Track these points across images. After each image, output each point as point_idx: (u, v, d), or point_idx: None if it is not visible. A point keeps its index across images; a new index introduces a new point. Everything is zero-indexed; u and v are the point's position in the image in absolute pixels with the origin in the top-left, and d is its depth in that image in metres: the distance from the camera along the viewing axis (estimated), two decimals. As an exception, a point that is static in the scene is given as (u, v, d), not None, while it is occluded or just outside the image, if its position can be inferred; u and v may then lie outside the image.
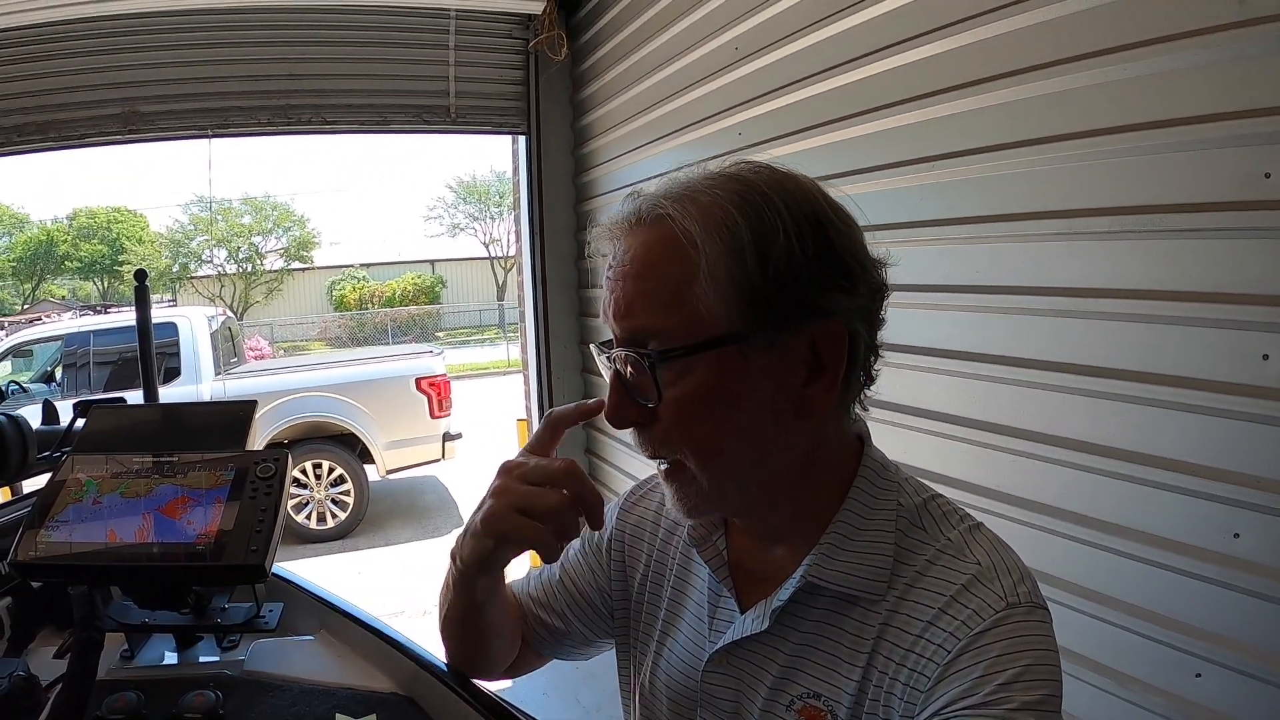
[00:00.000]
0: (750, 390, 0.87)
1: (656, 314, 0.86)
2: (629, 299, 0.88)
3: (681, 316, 0.85)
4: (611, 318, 0.90)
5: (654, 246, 0.87)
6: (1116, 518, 1.85)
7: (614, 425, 0.92)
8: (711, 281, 0.84)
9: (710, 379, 0.86)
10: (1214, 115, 1.59)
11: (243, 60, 4.76)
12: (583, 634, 1.20)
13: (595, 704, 4.38)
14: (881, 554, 0.88)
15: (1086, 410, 1.90)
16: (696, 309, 0.85)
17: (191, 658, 1.43)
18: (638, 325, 0.87)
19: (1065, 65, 1.85)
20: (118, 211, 34.77)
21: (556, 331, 5.38)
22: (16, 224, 33.97)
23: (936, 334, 2.28)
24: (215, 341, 8.20)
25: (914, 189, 2.34)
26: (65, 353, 8.28)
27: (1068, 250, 1.90)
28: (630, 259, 0.88)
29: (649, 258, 0.87)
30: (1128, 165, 1.76)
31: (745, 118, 3.22)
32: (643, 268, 0.87)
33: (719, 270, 0.84)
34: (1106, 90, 1.77)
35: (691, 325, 0.85)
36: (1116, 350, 1.82)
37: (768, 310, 0.84)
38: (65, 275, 35.05)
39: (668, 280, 0.86)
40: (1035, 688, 0.75)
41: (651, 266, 0.87)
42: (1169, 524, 1.74)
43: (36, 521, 1.29)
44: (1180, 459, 1.71)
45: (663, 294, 0.86)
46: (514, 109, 5.23)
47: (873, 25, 2.44)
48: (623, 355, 0.89)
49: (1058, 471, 1.97)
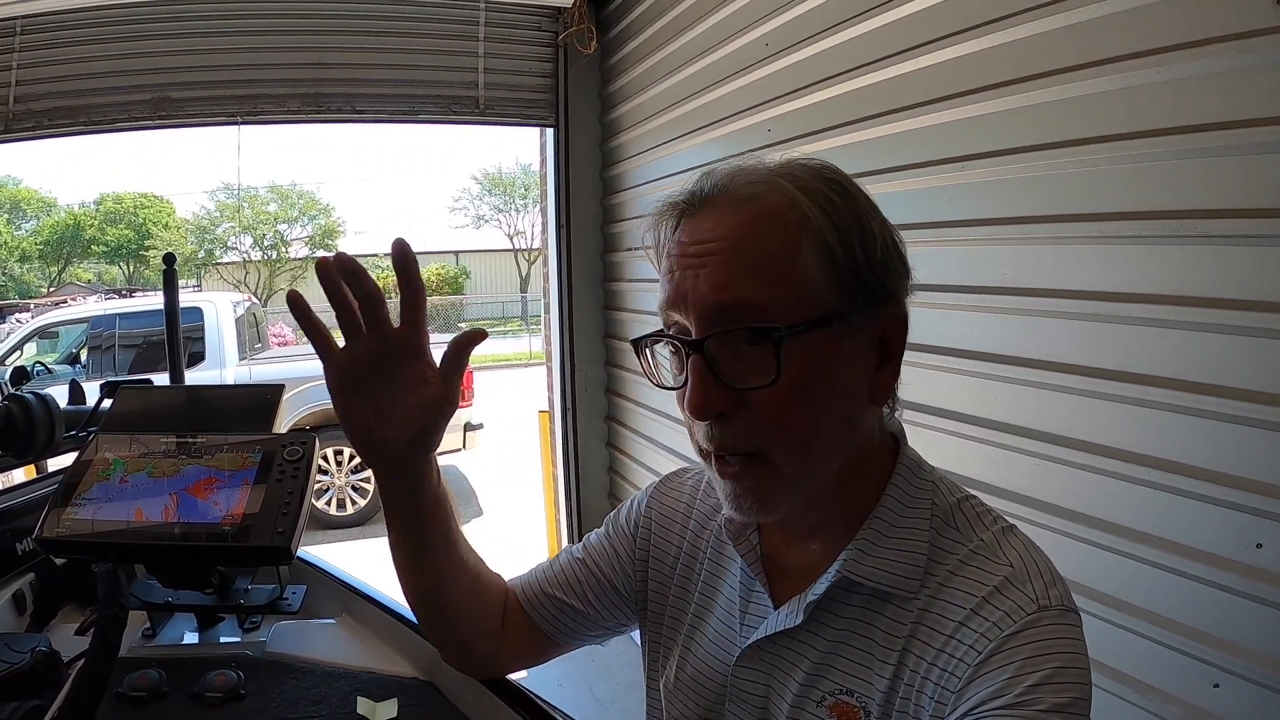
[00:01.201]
0: (842, 373, 0.86)
1: (765, 286, 0.83)
2: (721, 275, 0.84)
3: (793, 290, 0.83)
4: (692, 297, 0.85)
5: (753, 220, 0.85)
6: (1137, 524, 1.83)
7: (700, 417, 0.87)
8: (815, 258, 0.83)
9: (815, 360, 0.84)
10: (1246, 121, 1.57)
11: (273, 48, 4.78)
12: (599, 616, 1.17)
13: (609, 697, 4.39)
14: (916, 551, 0.88)
15: (1109, 415, 1.88)
16: (804, 283, 0.83)
17: (213, 638, 1.44)
18: (738, 299, 0.83)
19: (1095, 68, 1.83)
20: (145, 197, 35.12)
21: (580, 324, 5.37)
22: (44, 208, 34.35)
23: (960, 334, 2.26)
24: (240, 327, 8.28)
25: (941, 189, 2.33)
26: (91, 335, 8.38)
27: (1094, 254, 1.88)
28: (721, 234, 0.85)
29: (750, 231, 0.84)
30: (1156, 169, 1.74)
31: (774, 114, 3.21)
32: (744, 241, 0.84)
33: (824, 244, 0.83)
34: (1137, 94, 1.75)
35: (804, 299, 0.83)
36: (1140, 355, 1.80)
37: (863, 290, 0.85)
38: (91, 259, 35.42)
39: (772, 254, 0.83)
40: (1065, 690, 0.75)
41: (754, 240, 0.84)
42: (1190, 532, 1.72)
43: (62, 499, 1.31)
44: (1204, 466, 1.69)
45: (772, 266, 0.83)
46: (542, 101, 5.23)
47: (903, 24, 2.42)
48: (722, 335, 0.84)
49: (1078, 476, 1.96)
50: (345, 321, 0.95)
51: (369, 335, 0.95)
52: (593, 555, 1.19)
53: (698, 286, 0.85)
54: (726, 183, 0.88)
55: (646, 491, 1.21)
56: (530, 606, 1.18)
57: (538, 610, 1.17)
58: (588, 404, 5.45)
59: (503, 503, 8.89)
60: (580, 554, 1.20)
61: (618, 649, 4.47)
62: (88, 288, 32.15)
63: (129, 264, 35.26)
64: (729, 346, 0.84)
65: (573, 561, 1.20)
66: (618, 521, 1.21)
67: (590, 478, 5.52)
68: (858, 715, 0.88)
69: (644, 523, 1.17)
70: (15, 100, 4.53)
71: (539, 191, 5.87)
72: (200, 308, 8.05)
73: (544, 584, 1.19)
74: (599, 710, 4.29)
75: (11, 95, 4.53)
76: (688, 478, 1.19)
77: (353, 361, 0.95)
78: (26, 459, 1.70)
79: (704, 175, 0.90)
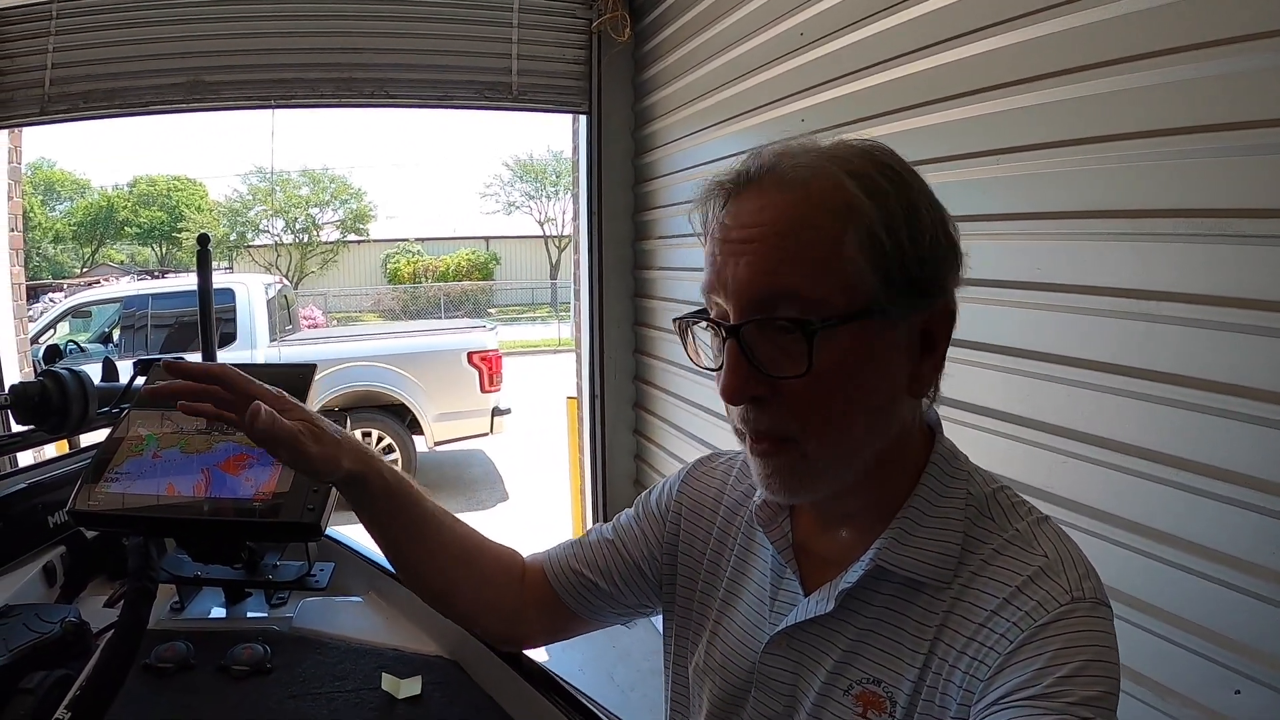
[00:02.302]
0: (884, 366, 0.86)
1: (806, 275, 0.82)
2: (762, 262, 0.83)
3: (834, 280, 0.82)
4: (732, 283, 0.85)
5: (797, 206, 0.83)
6: (1164, 525, 1.81)
7: (733, 402, 0.87)
8: (862, 247, 0.82)
9: (852, 352, 0.83)
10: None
11: (307, 33, 4.83)
12: (622, 596, 1.17)
13: (629, 683, 4.40)
14: (950, 541, 0.88)
15: (1140, 414, 1.85)
16: (847, 273, 0.82)
17: (240, 612, 1.46)
18: (776, 287, 0.82)
19: (1138, 62, 1.81)
20: (178, 180, 35.38)
21: (610, 311, 5.39)
22: (78, 190, 34.66)
23: (993, 329, 2.24)
24: (271, 309, 8.35)
25: (977, 182, 2.30)
26: (123, 315, 8.49)
27: (1131, 251, 1.86)
28: (764, 219, 0.84)
29: (794, 217, 0.83)
30: (1197, 166, 1.71)
31: (809, 104, 3.19)
32: (787, 227, 0.83)
33: (870, 234, 0.82)
34: (1178, 89, 1.73)
35: (846, 290, 0.82)
36: (1173, 354, 1.77)
37: (908, 282, 0.84)
38: (124, 240, 35.70)
39: (816, 243, 0.82)
40: (1095, 683, 0.74)
41: (797, 227, 0.83)
42: (1218, 535, 1.70)
43: (95, 474, 1.32)
44: (1234, 469, 1.66)
45: (815, 255, 0.82)
46: (575, 88, 5.24)
47: (940, 15, 2.40)
48: (760, 322, 0.84)
49: (1107, 475, 1.94)
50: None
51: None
52: (622, 536, 1.19)
53: (738, 273, 0.84)
54: (774, 164, 0.86)
55: (679, 476, 1.21)
56: (556, 581, 1.19)
57: (563, 586, 1.18)
58: (616, 391, 5.47)
59: (529, 488, 8.91)
60: (610, 534, 1.20)
61: (639, 636, 4.48)
62: (120, 268, 32.53)
63: (161, 245, 35.55)
64: (765, 334, 0.83)
65: (602, 541, 1.20)
66: (648, 504, 1.21)
67: (617, 465, 5.54)
68: (884, 705, 0.87)
69: (675, 508, 1.17)
70: (50, 83, 4.60)
71: (570, 178, 5.88)
72: (232, 289, 8.14)
73: (571, 560, 1.19)
74: (619, 695, 4.31)
75: (47, 78, 4.59)
76: (720, 463, 1.18)
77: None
78: (60, 434, 1.73)
79: (752, 155, 0.89)
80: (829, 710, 0.91)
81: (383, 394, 8.22)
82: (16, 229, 4.94)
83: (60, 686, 1.05)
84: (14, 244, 4.90)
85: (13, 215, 4.89)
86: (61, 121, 4.75)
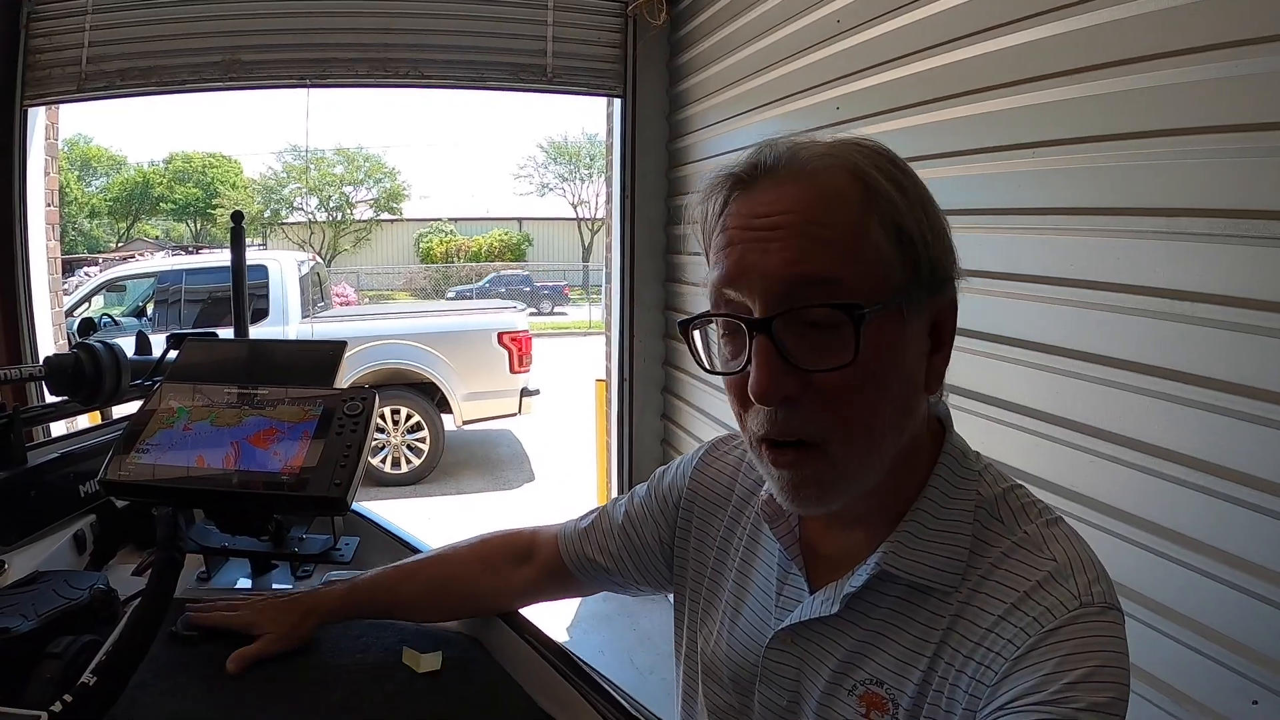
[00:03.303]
0: (905, 358, 0.85)
1: (836, 261, 0.80)
2: (794, 249, 0.80)
3: (865, 267, 0.80)
4: (759, 272, 0.82)
5: (822, 194, 0.82)
6: (1191, 530, 1.78)
7: (765, 401, 0.82)
8: (886, 233, 0.81)
9: (886, 342, 0.82)
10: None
11: (342, 12, 4.87)
12: (633, 577, 1.21)
13: (648, 666, 4.43)
14: (958, 545, 0.87)
15: (1171, 416, 1.83)
16: (876, 260, 0.81)
17: (265, 584, 1.48)
18: (813, 272, 0.80)
19: (1178, 57, 1.77)
20: (213, 157, 35.79)
21: (641, 295, 5.40)
22: (114, 165, 35.15)
23: (1024, 325, 2.23)
24: (304, 285, 8.43)
25: (1012, 175, 2.28)
26: (158, 289, 8.62)
27: (1166, 250, 1.83)
28: (788, 207, 0.81)
29: (821, 204, 0.81)
30: (1236, 166, 1.67)
31: (844, 92, 3.17)
32: (815, 214, 0.81)
33: (893, 222, 0.82)
34: (1218, 86, 1.69)
35: (874, 278, 0.80)
36: (1207, 357, 1.74)
37: (928, 272, 0.83)
38: (159, 216, 36.18)
39: (846, 226, 0.81)
40: (1103, 689, 0.74)
41: (826, 212, 0.81)
42: (1245, 543, 1.67)
43: (127, 445, 1.35)
44: (1264, 477, 1.63)
45: (845, 241, 0.80)
46: (610, 71, 5.23)
47: (979, 4, 2.37)
48: (788, 315, 0.81)
49: (1135, 476, 1.91)
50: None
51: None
52: (634, 521, 1.21)
53: (767, 261, 0.81)
54: (790, 155, 0.84)
55: (693, 458, 1.21)
56: (568, 558, 1.25)
57: (575, 564, 1.25)
58: (644, 375, 5.48)
59: (555, 469, 8.97)
60: (621, 519, 1.22)
61: (660, 620, 4.50)
62: (155, 244, 32.86)
63: (196, 222, 35.94)
64: (795, 326, 0.81)
65: (613, 529, 1.22)
66: (661, 485, 1.21)
67: (643, 448, 5.56)
68: (886, 706, 0.87)
69: (687, 494, 1.17)
70: (87, 61, 4.67)
71: (604, 161, 5.88)
72: (265, 265, 8.22)
73: (584, 542, 1.24)
74: (638, 678, 4.34)
75: (84, 56, 4.66)
76: (734, 446, 1.17)
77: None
78: (93, 405, 1.76)
79: (763, 147, 0.87)
80: (833, 709, 0.91)
81: (413, 372, 8.28)
82: (53, 204, 5.03)
83: (87, 651, 1.07)
84: (50, 219, 4.99)
85: (49, 190, 4.98)
86: (98, 99, 4.83)
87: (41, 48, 4.68)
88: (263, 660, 1.17)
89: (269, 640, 1.19)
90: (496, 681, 1.18)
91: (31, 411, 1.71)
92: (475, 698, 1.14)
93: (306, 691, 1.12)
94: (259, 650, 1.18)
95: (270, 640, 1.19)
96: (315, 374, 1.46)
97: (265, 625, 1.22)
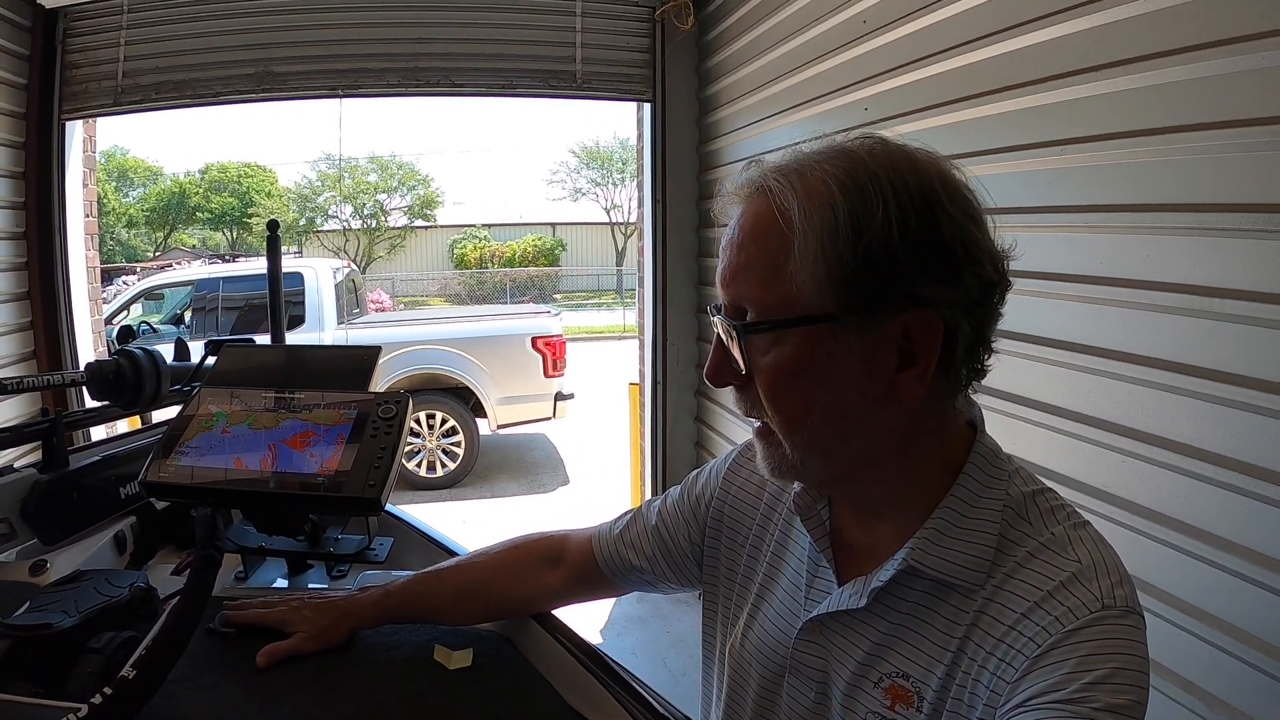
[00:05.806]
0: (838, 370, 0.88)
1: (755, 286, 0.89)
2: (734, 268, 0.92)
3: (777, 292, 0.88)
4: (719, 283, 0.94)
5: (758, 219, 0.90)
6: (1222, 530, 1.77)
7: (711, 384, 0.97)
8: (804, 259, 0.85)
9: (799, 354, 0.88)
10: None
11: (373, 23, 4.92)
12: (665, 575, 1.25)
13: (681, 669, 4.44)
14: (984, 544, 0.88)
15: (1203, 415, 1.81)
16: (790, 285, 0.87)
17: (301, 583, 1.51)
18: (739, 294, 0.91)
19: (1209, 50, 1.75)
20: (248, 166, 36.17)
21: (674, 299, 5.42)
22: (151, 176, 35.58)
23: (1054, 324, 2.21)
24: (339, 292, 8.51)
25: (1041, 173, 2.27)
26: (195, 297, 8.73)
27: (1195, 246, 1.81)
28: (739, 228, 0.92)
29: (753, 229, 0.90)
30: (1268, 160, 1.65)
31: (872, 93, 3.17)
32: (746, 238, 0.90)
33: (812, 248, 0.85)
34: (1250, 79, 1.67)
35: (785, 301, 0.87)
36: (1239, 354, 1.72)
37: (859, 292, 0.84)
38: (196, 225, 36.61)
39: (766, 254, 0.88)
40: (1122, 691, 0.75)
41: (754, 238, 0.90)
42: (1276, 542, 1.65)
43: (166, 448, 1.38)
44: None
45: (761, 267, 0.89)
46: (639, 76, 5.25)
47: (1004, 2, 2.36)
48: (721, 322, 0.94)
49: (1165, 475, 1.90)
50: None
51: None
52: (668, 523, 1.24)
53: (723, 274, 0.93)
54: (753, 176, 0.93)
55: (725, 461, 1.24)
56: (602, 559, 1.28)
57: (609, 565, 1.28)
58: (678, 378, 5.49)
59: (590, 472, 8.99)
60: (655, 520, 1.26)
61: (693, 623, 4.48)
62: (192, 252, 33.36)
63: (232, 230, 36.30)
64: (727, 331, 0.93)
65: (647, 530, 1.26)
66: (694, 488, 1.25)
67: (677, 451, 5.57)
68: (911, 699, 0.89)
69: (719, 495, 1.20)
70: (123, 75, 4.77)
71: (635, 166, 5.90)
72: (301, 273, 8.32)
73: (619, 544, 1.28)
74: (671, 680, 4.35)
75: (120, 70, 4.76)
76: None
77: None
78: (133, 410, 1.80)
79: (752, 163, 0.95)
80: (859, 701, 0.93)
81: (447, 377, 8.33)
82: (91, 214, 5.14)
83: (127, 647, 1.10)
84: (89, 229, 5.10)
85: (87, 202, 5.09)
86: (134, 112, 4.93)
87: (78, 63, 4.78)
88: (293, 657, 1.20)
89: (301, 638, 1.22)
90: (527, 679, 1.20)
91: (73, 416, 1.75)
92: (506, 695, 1.16)
93: (338, 687, 1.15)
94: (291, 647, 1.21)
95: (303, 639, 1.22)
96: (350, 379, 1.48)
97: (299, 624, 1.25)
